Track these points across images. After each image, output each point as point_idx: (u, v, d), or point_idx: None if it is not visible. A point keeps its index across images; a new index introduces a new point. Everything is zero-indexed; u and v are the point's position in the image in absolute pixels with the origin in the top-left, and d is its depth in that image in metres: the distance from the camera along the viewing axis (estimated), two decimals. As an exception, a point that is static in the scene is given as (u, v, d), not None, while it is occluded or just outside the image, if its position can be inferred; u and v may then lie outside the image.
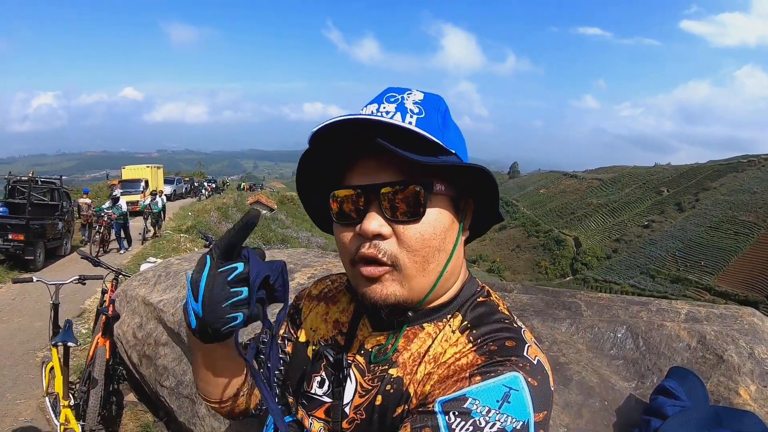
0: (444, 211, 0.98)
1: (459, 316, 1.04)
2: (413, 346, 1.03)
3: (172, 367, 3.81)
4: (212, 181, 58.24)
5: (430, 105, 1.00)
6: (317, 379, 1.14)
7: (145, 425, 4.81)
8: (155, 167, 38.33)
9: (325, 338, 1.20)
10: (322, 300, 1.30)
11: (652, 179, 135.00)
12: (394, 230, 0.95)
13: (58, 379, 4.02)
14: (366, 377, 1.06)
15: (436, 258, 0.97)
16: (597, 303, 2.50)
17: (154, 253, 15.15)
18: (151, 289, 4.73)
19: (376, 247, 0.94)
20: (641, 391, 1.98)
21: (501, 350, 0.91)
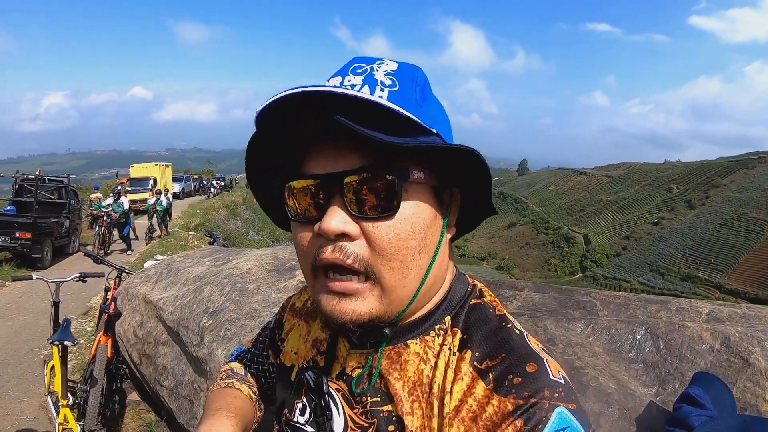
0: (423, 204, 0.80)
1: (458, 333, 0.86)
2: (405, 374, 0.86)
3: (171, 367, 3.74)
4: (221, 178, 58.49)
5: (405, 76, 0.82)
6: (299, 406, 1.00)
7: (147, 424, 4.78)
8: (164, 165, 38.70)
9: (306, 360, 1.05)
10: (302, 316, 1.14)
11: (661, 176, 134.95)
12: (363, 229, 0.77)
13: (58, 378, 3.97)
14: (356, 410, 0.89)
15: (416, 262, 0.80)
16: (613, 302, 2.39)
17: (161, 251, 15.19)
18: (152, 287, 4.68)
19: (341, 251, 0.77)
20: (662, 397, 1.87)
21: (527, 383, 0.75)
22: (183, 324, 3.47)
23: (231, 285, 3.41)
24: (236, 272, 3.59)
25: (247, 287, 3.29)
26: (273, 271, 3.43)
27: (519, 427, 0.72)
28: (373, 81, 0.79)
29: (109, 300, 5.20)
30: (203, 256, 5.04)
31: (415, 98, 0.81)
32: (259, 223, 29.34)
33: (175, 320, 3.66)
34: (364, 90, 0.78)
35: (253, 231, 25.60)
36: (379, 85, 0.79)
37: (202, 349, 3.03)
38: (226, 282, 3.50)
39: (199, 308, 3.42)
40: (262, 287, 3.20)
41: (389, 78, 0.80)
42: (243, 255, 4.20)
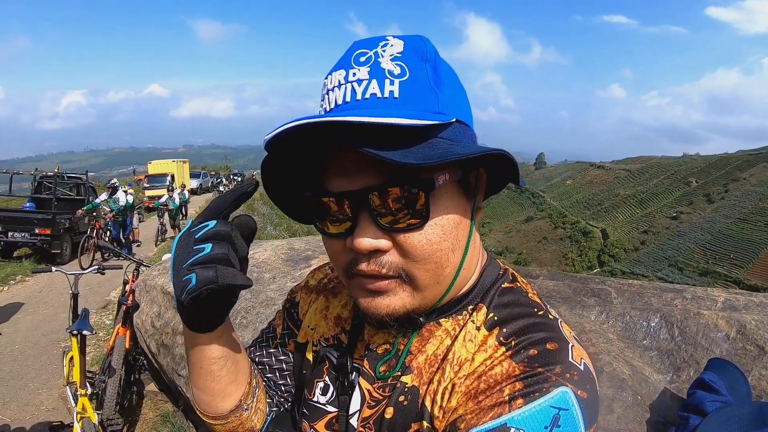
0: (452, 203, 0.79)
1: (483, 309, 0.85)
2: (429, 348, 0.86)
3: (189, 357, 3.77)
4: (238, 174, 58.63)
5: (413, 56, 0.77)
6: (320, 385, 0.99)
7: (165, 414, 4.81)
8: (181, 162, 38.80)
9: (326, 337, 1.04)
10: (321, 292, 1.13)
11: (680, 170, 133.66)
12: (394, 239, 0.76)
13: (76, 368, 4.00)
14: (375, 384, 0.90)
15: (450, 260, 0.79)
16: (628, 290, 2.37)
17: (178, 246, 15.33)
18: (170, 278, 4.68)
19: (376, 263, 0.77)
20: (677, 384, 1.86)
21: (542, 356, 0.74)
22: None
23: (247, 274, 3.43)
24: (252, 262, 3.59)
25: (263, 276, 3.30)
26: (289, 261, 3.44)
27: (517, 388, 0.71)
28: (381, 72, 0.75)
29: (127, 292, 5.25)
30: (220, 249, 5.08)
31: (428, 82, 0.76)
32: (276, 218, 29.37)
33: None
34: (372, 85, 0.74)
35: (270, 226, 25.61)
36: (388, 76, 0.75)
37: (219, 337, 3.03)
38: (242, 271, 3.53)
39: None
40: (277, 276, 3.21)
41: (397, 65, 0.76)
42: (259, 246, 4.20)
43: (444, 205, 0.77)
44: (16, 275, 11.18)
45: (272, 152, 0.78)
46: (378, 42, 0.78)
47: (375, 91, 0.74)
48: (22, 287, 10.40)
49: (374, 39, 0.79)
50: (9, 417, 5.05)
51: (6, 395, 5.45)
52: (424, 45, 0.79)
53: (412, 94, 0.74)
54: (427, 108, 0.74)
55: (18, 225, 13.25)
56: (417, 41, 0.79)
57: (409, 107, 0.73)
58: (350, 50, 0.80)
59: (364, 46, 0.78)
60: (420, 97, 0.74)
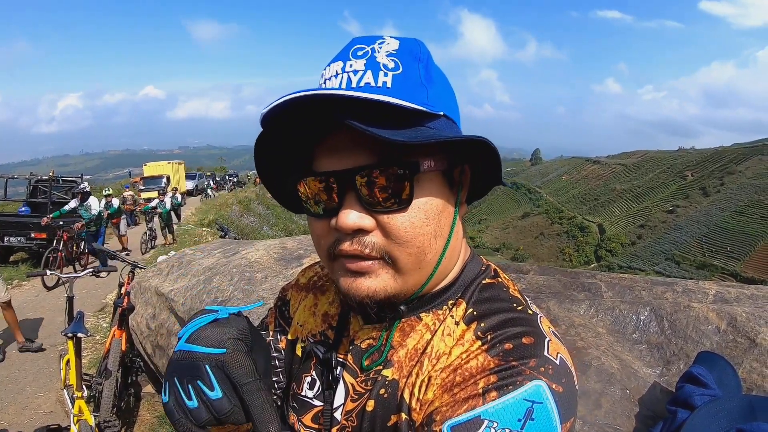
0: (435, 189, 0.81)
1: (463, 304, 0.87)
2: (409, 342, 0.88)
3: (183, 358, 3.78)
4: (234, 175, 58.70)
5: (407, 55, 0.81)
6: (307, 380, 1.01)
7: (162, 416, 4.83)
8: (176, 163, 38.72)
9: (313, 333, 1.06)
10: (310, 290, 1.15)
11: (676, 164, 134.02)
12: (378, 220, 0.78)
13: (73, 370, 4.02)
14: (358, 378, 0.91)
15: (432, 246, 0.81)
16: (618, 284, 2.38)
17: (175, 247, 15.24)
18: (164, 280, 4.73)
19: (359, 243, 0.78)
20: (666, 378, 1.86)
21: (517, 350, 0.76)
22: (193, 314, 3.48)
23: (239, 275, 3.44)
24: (245, 262, 3.62)
25: (255, 276, 3.32)
26: (281, 260, 3.45)
27: (491, 381, 0.72)
28: (376, 65, 0.78)
29: (122, 294, 5.27)
30: (214, 248, 5.07)
31: (419, 79, 0.80)
32: (273, 218, 29.40)
33: (185, 310, 3.70)
34: (367, 75, 0.77)
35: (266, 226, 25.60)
36: (382, 69, 0.78)
37: (212, 338, 3.04)
38: (234, 272, 3.53)
39: (208, 298, 3.46)
40: (269, 276, 3.22)
41: (392, 60, 0.79)
42: (252, 246, 4.22)
43: (428, 191, 0.79)
44: (12, 279, 11.18)
45: (267, 130, 0.80)
46: (375, 39, 0.82)
47: (369, 81, 0.77)
48: (18, 291, 10.42)
49: (372, 37, 0.83)
50: (7, 421, 5.06)
51: (3, 399, 5.45)
52: (418, 47, 0.83)
53: (403, 86, 0.77)
54: (416, 100, 0.76)
55: (14, 229, 13.27)
56: (412, 43, 0.83)
57: (400, 97, 0.73)
58: (349, 45, 0.83)
59: (362, 42, 0.82)
60: (411, 90, 0.77)
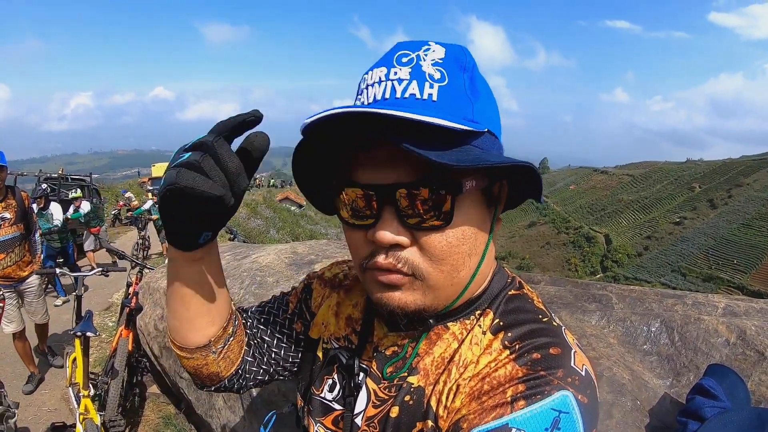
0: (475, 210, 0.81)
1: (490, 314, 0.88)
2: (436, 350, 0.88)
3: (191, 359, 3.79)
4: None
5: (453, 64, 0.79)
6: (329, 382, 1.02)
7: (167, 416, 4.83)
8: None
9: (337, 336, 1.06)
10: (335, 288, 1.15)
11: (683, 175, 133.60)
12: (414, 237, 0.78)
13: (79, 369, 4.04)
14: (381, 385, 0.92)
15: (466, 264, 0.82)
16: (629, 296, 2.38)
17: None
18: (173, 281, 4.69)
19: (394, 257, 0.79)
20: (676, 389, 1.86)
21: (545, 360, 0.76)
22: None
23: (251, 278, 3.43)
24: (255, 266, 3.61)
25: (266, 280, 3.31)
26: (292, 265, 3.45)
27: (520, 390, 0.73)
28: (421, 75, 0.77)
29: (130, 294, 5.29)
30: (223, 251, 5.05)
31: (464, 91, 0.78)
32: (279, 221, 29.42)
33: None
34: (412, 86, 0.76)
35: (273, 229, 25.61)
36: (428, 80, 0.76)
37: (221, 341, 3.05)
38: (245, 275, 3.52)
39: None
40: (281, 280, 3.22)
41: (437, 69, 0.77)
42: (263, 249, 4.21)
43: (467, 211, 0.79)
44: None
45: (307, 139, 0.80)
46: (421, 46, 0.80)
47: (414, 92, 0.75)
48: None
49: (417, 42, 0.81)
50: (12, 417, 5.08)
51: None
52: (464, 55, 0.81)
53: (449, 99, 0.76)
54: (462, 115, 0.76)
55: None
56: (458, 50, 0.81)
57: (446, 112, 0.74)
58: (393, 50, 0.82)
59: (406, 48, 0.80)
60: (457, 103, 0.76)
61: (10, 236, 5.18)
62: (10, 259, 5.19)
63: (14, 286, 5.34)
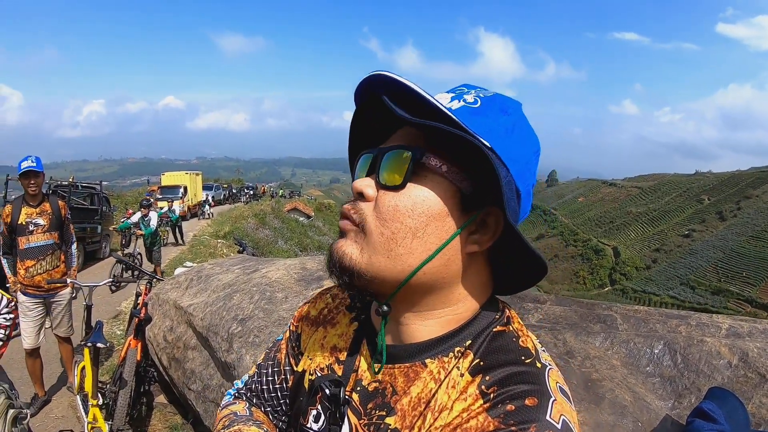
0: (434, 193, 0.80)
1: (470, 355, 0.85)
2: (414, 390, 0.87)
3: (200, 371, 3.82)
4: (250, 187, 59.18)
5: (495, 104, 0.83)
6: (313, 413, 1.03)
7: (174, 427, 4.84)
8: (194, 174, 38.49)
9: (321, 367, 1.06)
10: (320, 324, 1.15)
11: (692, 187, 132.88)
12: (377, 195, 0.83)
13: (89, 378, 4.06)
14: (362, 420, 0.92)
15: (406, 242, 0.80)
16: (634, 316, 2.41)
17: (191, 258, 15.25)
18: (183, 293, 4.77)
19: (354, 206, 0.85)
20: (678, 411, 1.89)
21: (519, 413, 0.73)
22: (212, 330, 3.56)
23: (260, 293, 3.48)
24: (265, 281, 3.65)
25: (275, 296, 3.35)
26: (301, 281, 3.48)
27: None
28: (459, 97, 0.84)
29: (140, 305, 5.32)
30: (233, 264, 5.11)
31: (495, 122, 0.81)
32: (288, 232, 29.41)
33: (204, 326, 3.74)
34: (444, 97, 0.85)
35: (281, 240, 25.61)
36: (461, 101, 0.83)
37: (231, 355, 3.11)
38: (255, 290, 3.57)
39: (228, 315, 3.50)
40: (290, 296, 3.25)
41: (476, 98, 0.83)
42: (272, 264, 4.26)
43: (425, 189, 0.80)
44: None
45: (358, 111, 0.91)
46: (477, 87, 0.88)
47: (442, 99, 0.82)
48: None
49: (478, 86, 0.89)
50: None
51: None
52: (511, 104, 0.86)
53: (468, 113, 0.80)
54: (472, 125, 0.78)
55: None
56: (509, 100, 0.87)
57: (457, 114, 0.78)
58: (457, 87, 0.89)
59: (466, 86, 0.88)
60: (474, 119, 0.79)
61: (42, 243, 5.13)
62: (41, 267, 5.13)
63: (44, 297, 5.27)
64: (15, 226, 5.12)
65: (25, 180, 5.05)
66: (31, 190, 5.07)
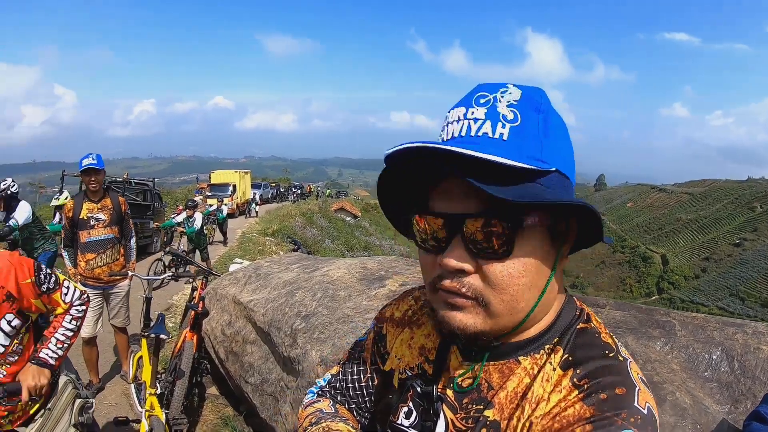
0: (536, 244, 0.86)
1: (560, 350, 0.93)
2: (509, 384, 0.94)
3: (258, 365, 3.90)
4: (298, 186, 59.63)
5: (527, 105, 0.85)
6: (404, 410, 1.08)
7: (225, 418, 4.91)
8: (243, 172, 38.88)
9: (411, 366, 1.13)
10: (406, 325, 1.21)
11: (744, 194, 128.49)
12: (478, 265, 0.85)
13: (147, 368, 4.20)
14: (458, 415, 0.98)
15: (525, 296, 0.87)
16: (691, 323, 2.43)
17: (240, 255, 15.40)
18: (241, 289, 4.86)
19: (458, 282, 0.86)
20: (734, 416, 1.91)
21: (611, 401, 0.82)
22: (275, 325, 3.64)
23: (322, 291, 3.56)
24: (327, 279, 3.72)
25: (338, 294, 3.42)
26: (363, 280, 3.52)
27: (587, 430, 0.80)
28: (495, 115, 0.84)
29: (196, 299, 5.52)
30: (290, 262, 5.20)
31: (536, 131, 0.85)
32: (334, 231, 29.34)
33: (266, 321, 3.82)
34: (486, 125, 0.84)
35: (328, 239, 25.58)
36: (501, 120, 0.83)
37: (295, 350, 3.19)
38: (317, 288, 3.65)
39: (291, 311, 3.57)
40: (353, 294, 3.30)
41: (511, 110, 0.84)
42: (332, 263, 4.36)
43: (529, 245, 0.85)
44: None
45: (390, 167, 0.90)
46: (498, 88, 0.87)
47: (487, 131, 0.83)
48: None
49: (496, 84, 0.89)
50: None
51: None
52: (540, 97, 0.88)
53: (519, 139, 0.83)
54: (530, 154, 0.83)
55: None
56: (534, 92, 0.88)
57: (514, 151, 0.81)
58: (473, 91, 0.89)
59: (485, 90, 0.88)
60: (526, 143, 0.83)
61: (103, 237, 5.33)
62: (101, 260, 5.32)
63: (103, 288, 5.45)
64: (76, 220, 5.31)
65: (87, 177, 5.25)
66: (92, 187, 5.27)
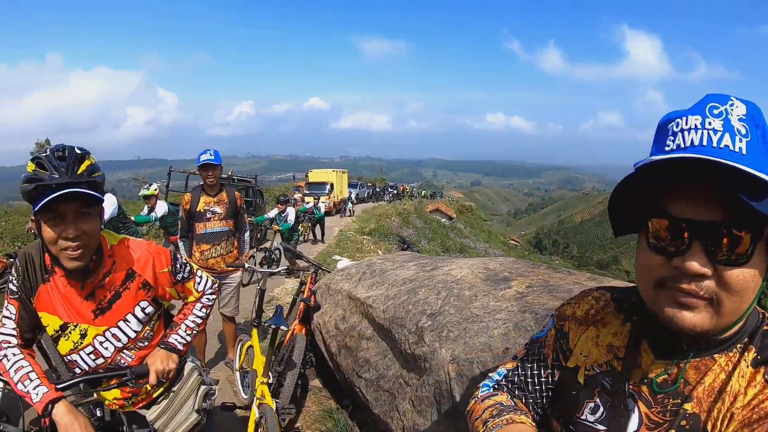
0: (763, 252, 0.94)
1: (753, 350, 1.00)
2: (707, 380, 1.00)
3: (375, 361, 3.92)
4: (393, 186, 60.01)
5: (751, 121, 0.93)
6: (590, 406, 1.13)
7: (329, 410, 4.95)
8: (340, 171, 39.47)
9: (598, 363, 1.17)
10: (590, 323, 1.25)
11: None
12: (716, 269, 0.92)
13: (258, 357, 4.33)
14: (653, 409, 1.03)
15: (750, 299, 0.95)
16: None
17: (338, 252, 15.61)
18: (356, 285, 4.91)
19: (697, 285, 0.92)
20: None
21: None
22: (397, 322, 3.66)
23: (447, 290, 3.55)
24: (450, 278, 3.72)
25: (463, 293, 3.41)
26: (487, 280, 3.47)
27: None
28: (731, 129, 0.91)
29: (306, 293, 5.64)
30: (405, 260, 5.24)
31: (758, 146, 0.92)
32: (430, 232, 29.25)
33: (387, 318, 3.84)
34: (725, 138, 0.90)
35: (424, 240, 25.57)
36: (737, 134, 0.91)
37: (422, 348, 3.18)
38: (441, 287, 3.65)
39: (415, 309, 3.58)
40: (479, 294, 3.24)
41: (743, 125, 0.92)
42: (452, 263, 4.35)
43: (761, 253, 0.93)
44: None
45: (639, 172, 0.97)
46: (726, 100, 0.94)
47: (728, 144, 0.90)
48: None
49: (723, 96, 0.95)
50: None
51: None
52: (758, 113, 0.95)
53: (753, 154, 0.90)
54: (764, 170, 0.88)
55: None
56: (754, 109, 0.95)
57: (755, 165, 0.87)
58: (704, 101, 0.95)
59: (716, 101, 0.94)
60: (758, 158, 0.90)
61: (218, 230, 5.56)
62: (216, 251, 5.54)
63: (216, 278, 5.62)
64: (193, 212, 5.55)
65: (204, 171, 5.50)
66: (209, 181, 5.52)
